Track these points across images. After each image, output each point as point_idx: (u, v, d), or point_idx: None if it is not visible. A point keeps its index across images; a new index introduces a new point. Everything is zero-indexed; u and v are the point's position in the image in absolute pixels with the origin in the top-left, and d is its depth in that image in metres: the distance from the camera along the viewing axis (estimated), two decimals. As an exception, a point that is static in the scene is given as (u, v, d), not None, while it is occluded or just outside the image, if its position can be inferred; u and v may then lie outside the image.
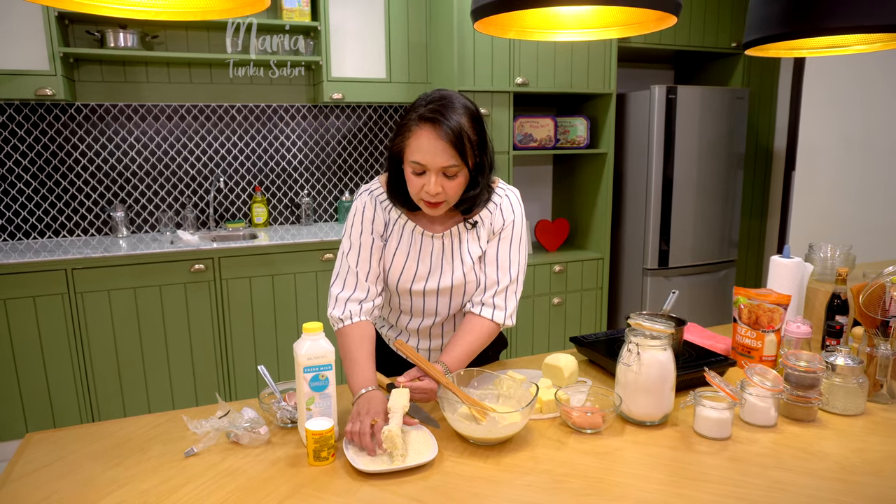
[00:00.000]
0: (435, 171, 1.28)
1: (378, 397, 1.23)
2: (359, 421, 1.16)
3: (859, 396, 1.31)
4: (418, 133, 1.28)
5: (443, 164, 1.27)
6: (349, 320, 1.38)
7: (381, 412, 1.18)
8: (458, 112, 1.28)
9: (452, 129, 1.26)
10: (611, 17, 1.12)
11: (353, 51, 3.28)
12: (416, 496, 1.03)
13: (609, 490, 1.04)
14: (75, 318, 2.73)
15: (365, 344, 1.35)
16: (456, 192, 1.33)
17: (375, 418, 1.16)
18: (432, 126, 1.26)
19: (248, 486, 1.06)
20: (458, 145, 1.27)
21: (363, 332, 1.37)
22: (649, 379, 1.24)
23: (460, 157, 1.28)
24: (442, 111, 1.27)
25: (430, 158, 1.27)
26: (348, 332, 1.37)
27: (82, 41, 3.03)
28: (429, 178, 1.29)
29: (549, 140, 3.52)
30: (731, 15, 3.71)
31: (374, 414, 1.17)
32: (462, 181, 1.32)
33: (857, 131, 2.93)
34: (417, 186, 1.32)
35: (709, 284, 3.73)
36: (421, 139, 1.28)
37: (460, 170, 1.30)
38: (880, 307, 1.40)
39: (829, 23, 1.20)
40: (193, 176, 3.38)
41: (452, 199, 1.34)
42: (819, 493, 1.02)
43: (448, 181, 1.30)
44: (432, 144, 1.26)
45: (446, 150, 1.26)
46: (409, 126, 1.30)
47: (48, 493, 1.04)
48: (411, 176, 1.32)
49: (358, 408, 1.21)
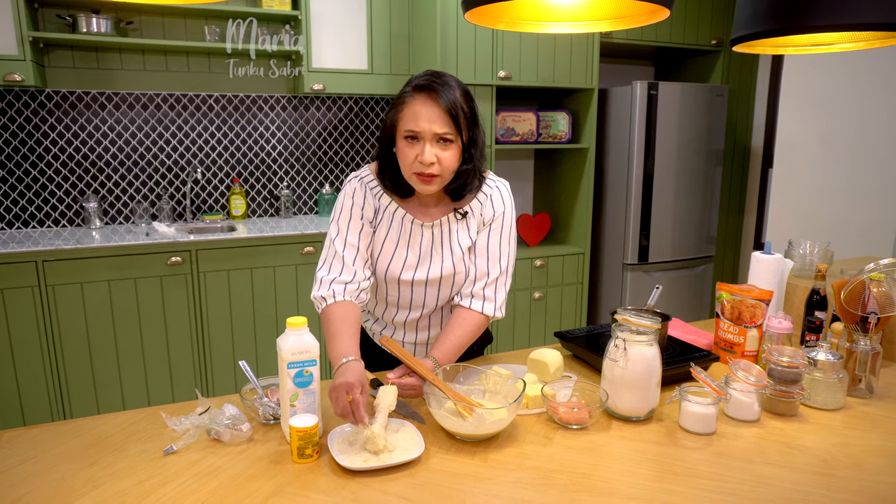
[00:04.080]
0: (430, 138, 1.29)
1: (354, 367, 1.19)
2: (335, 398, 1.13)
3: (839, 391, 1.32)
4: (412, 102, 1.29)
5: (438, 131, 1.28)
6: (332, 299, 1.36)
7: (356, 383, 1.13)
8: (451, 86, 1.31)
9: (448, 98, 1.28)
10: (602, 9, 1.11)
11: (334, 41, 3.24)
12: (403, 493, 1.01)
13: (597, 486, 1.04)
14: (46, 311, 2.65)
15: (349, 318, 1.33)
16: (450, 165, 1.32)
17: (350, 392, 1.12)
18: (427, 94, 1.29)
19: (231, 485, 1.03)
20: (453, 113, 1.28)
21: (347, 309, 1.35)
22: (636, 374, 1.24)
23: (455, 125, 1.29)
24: (436, 82, 1.29)
25: (426, 126, 1.28)
26: (331, 309, 1.34)
27: (53, 25, 2.93)
28: (423, 147, 1.29)
29: (532, 134, 3.52)
30: (712, 12, 3.74)
31: (346, 386, 1.13)
32: (456, 154, 1.32)
33: (833, 129, 2.97)
34: (411, 158, 1.31)
35: (687, 279, 3.77)
36: (416, 107, 1.29)
37: (455, 140, 1.31)
38: (860, 303, 1.42)
39: (814, 21, 1.21)
40: (170, 167, 3.31)
41: (446, 174, 1.33)
42: (802, 487, 1.03)
43: (442, 151, 1.30)
44: (428, 111, 1.28)
45: (441, 117, 1.28)
46: (403, 98, 1.32)
47: (21, 493, 1.01)
48: (405, 149, 1.31)
49: (334, 381, 1.18)
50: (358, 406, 1.11)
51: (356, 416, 1.11)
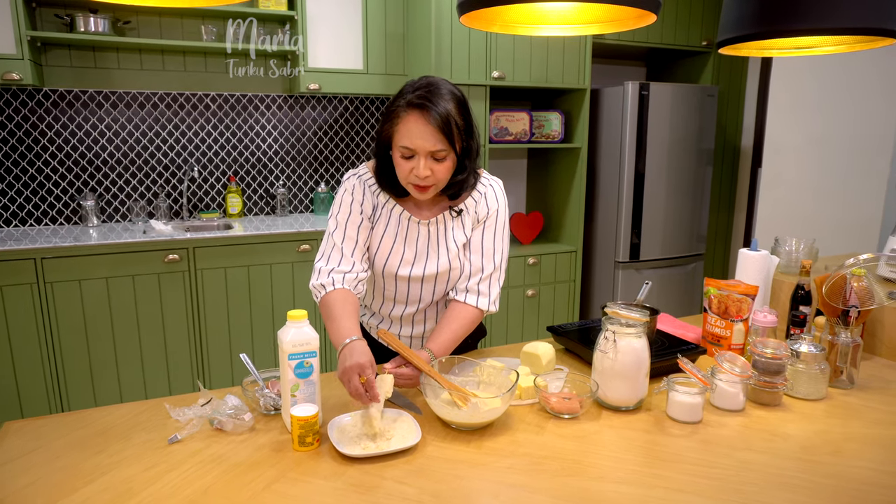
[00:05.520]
0: (424, 155, 1.31)
1: (360, 347, 1.23)
2: (347, 380, 1.18)
3: (821, 382, 1.37)
4: (406, 119, 1.31)
5: (431, 149, 1.31)
6: (331, 287, 1.39)
7: (367, 364, 1.19)
8: (445, 98, 1.31)
9: (440, 115, 1.29)
10: (592, 13, 1.15)
11: (329, 41, 3.27)
12: (401, 479, 1.05)
13: (586, 471, 1.08)
14: (45, 308, 2.68)
15: (348, 303, 1.36)
16: (444, 176, 1.36)
17: (362, 374, 1.18)
18: (420, 112, 1.30)
19: (234, 472, 1.07)
20: (446, 130, 1.30)
21: (346, 295, 1.38)
22: (625, 365, 1.28)
23: (448, 141, 1.31)
24: (429, 97, 1.30)
25: (420, 143, 1.30)
26: (330, 296, 1.38)
27: (50, 25, 2.95)
28: (418, 162, 1.32)
29: (525, 134, 3.57)
30: (703, 14, 3.79)
31: (358, 368, 1.18)
32: (450, 165, 1.35)
33: (820, 130, 3.03)
34: (406, 170, 1.34)
35: (678, 277, 3.82)
36: (409, 124, 1.30)
37: (448, 154, 1.33)
38: (841, 297, 1.47)
39: (797, 24, 1.25)
40: (167, 165, 3.34)
41: (441, 183, 1.37)
42: (784, 471, 1.08)
43: (436, 164, 1.33)
44: (421, 130, 1.29)
45: (434, 135, 1.30)
46: (397, 112, 1.33)
47: (31, 479, 1.04)
48: (400, 161, 1.34)
49: (342, 361, 1.22)
50: (371, 386, 1.17)
51: (371, 394, 1.16)
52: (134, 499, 0.98)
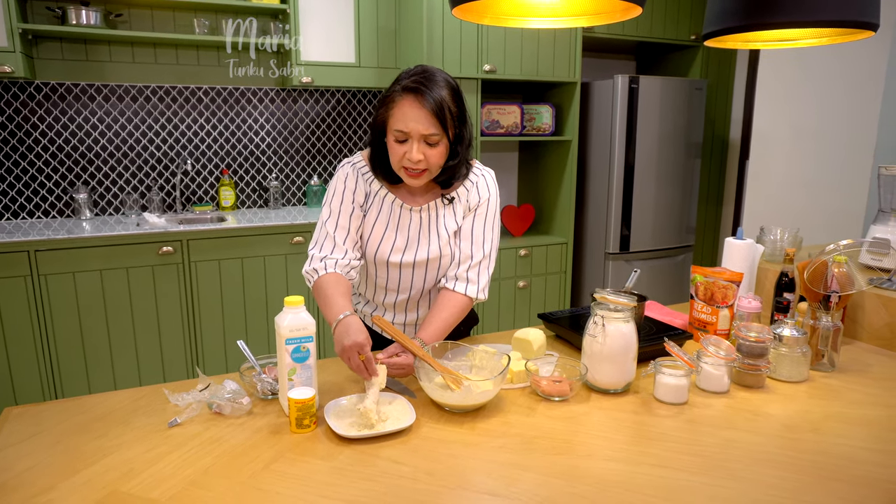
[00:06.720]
0: (417, 138, 1.34)
1: (356, 324, 1.28)
2: (348, 359, 1.24)
3: (803, 365, 1.41)
4: (401, 103, 1.34)
5: (424, 132, 1.34)
6: (324, 271, 1.43)
7: (364, 342, 1.23)
8: (439, 85, 1.35)
9: (434, 100, 1.32)
10: (580, 6, 1.18)
11: (321, 35, 3.28)
12: (396, 458, 1.08)
13: (576, 449, 1.11)
14: (39, 300, 2.69)
15: (340, 284, 1.40)
16: (437, 162, 1.39)
17: (361, 352, 1.23)
18: (415, 96, 1.33)
19: (233, 453, 1.09)
20: (440, 115, 1.33)
21: (338, 278, 1.42)
22: (613, 349, 1.32)
23: (441, 126, 1.34)
24: (425, 83, 1.34)
25: (413, 126, 1.33)
26: (322, 279, 1.42)
27: (42, 17, 2.95)
28: (411, 146, 1.35)
29: (516, 127, 3.60)
30: (691, 8, 3.83)
31: (357, 347, 1.23)
32: (443, 150, 1.38)
33: (806, 122, 3.08)
34: (399, 154, 1.37)
35: (668, 268, 3.87)
36: (404, 108, 1.34)
37: (441, 139, 1.36)
38: (822, 283, 1.51)
39: (777, 17, 1.29)
40: (159, 158, 3.34)
41: (434, 169, 1.40)
42: (766, 448, 1.12)
43: (429, 149, 1.36)
44: (415, 113, 1.33)
45: (428, 119, 1.33)
46: (392, 97, 1.36)
47: (33, 462, 1.06)
48: (394, 145, 1.37)
49: (340, 339, 1.26)
50: (371, 362, 1.23)
51: (369, 369, 1.22)
52: (135, 479, 1.01)
